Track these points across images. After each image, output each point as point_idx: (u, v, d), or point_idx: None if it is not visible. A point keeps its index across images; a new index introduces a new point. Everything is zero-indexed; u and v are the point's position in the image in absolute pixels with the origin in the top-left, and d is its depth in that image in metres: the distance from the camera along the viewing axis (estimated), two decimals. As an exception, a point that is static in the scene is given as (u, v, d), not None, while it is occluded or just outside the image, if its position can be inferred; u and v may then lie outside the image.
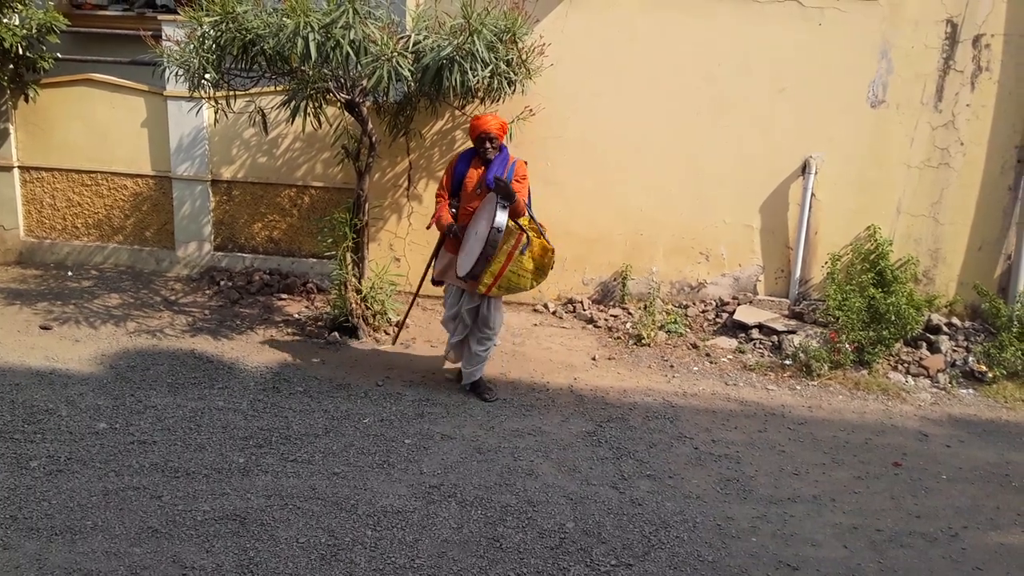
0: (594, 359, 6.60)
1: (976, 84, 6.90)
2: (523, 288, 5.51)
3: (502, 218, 5.16)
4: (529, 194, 5.71)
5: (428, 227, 6.01)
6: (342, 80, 6.07)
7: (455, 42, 5.83)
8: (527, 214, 5.52)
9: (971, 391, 6.40)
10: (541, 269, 5.51)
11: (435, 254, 6.00)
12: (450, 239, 5.73)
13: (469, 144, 6.00)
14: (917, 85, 6.95)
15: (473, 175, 5.67)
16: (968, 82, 6.90)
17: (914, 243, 7.18)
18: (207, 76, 5.97)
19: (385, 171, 7.50)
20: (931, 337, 6.82)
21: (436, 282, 6.02)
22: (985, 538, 4.54)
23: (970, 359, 6.61)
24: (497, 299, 5.72)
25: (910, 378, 6.51)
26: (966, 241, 7.16)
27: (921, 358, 6.66)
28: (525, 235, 5.41)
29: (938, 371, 6.53)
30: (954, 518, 4.71)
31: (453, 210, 5.72)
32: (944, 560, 4.32)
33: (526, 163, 5.71)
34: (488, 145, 5.58)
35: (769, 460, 5.24)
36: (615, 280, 7.53)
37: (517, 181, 5.53)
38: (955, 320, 7.09)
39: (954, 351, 6.75)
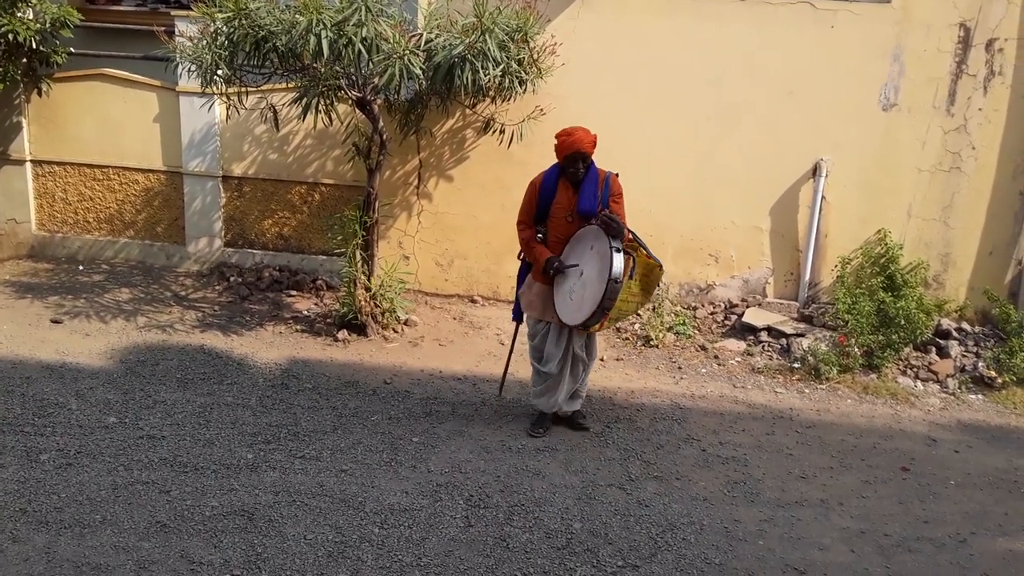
0: (602, 360, 6.59)
1: (989, 88, 6.86)
2: (629, 315, 4.85)
3: (619, 265, 4.57)
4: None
5: (519, 257, 5.34)
6: (354, 78, 6.09)
7: (467, 41, 5.84)
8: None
9: (980, 397, 6.38)
10: (647, 290, 4.98)
11: (520, 281, 5.36)
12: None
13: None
14: (929, 89, 6.92)
15: (563, 199, 5.04)
16: (981, 86, 6.87)
17: (924, 247, 7.15)
18: (219, 72, 6.00)
19: (395, 169, 7.51)
20: (941, 342, 6.79)
21: (519, 315, 5.43)
22: (993, 544, 4.53)
23: (980, 364, 6.58)
24: None
25: (919, 383, 6.49)
26: (977, 246, 7.12)
27: (931, 363, 6.63)
28: (632, 258, 4.80)
29: (947, 376, 6.51)
30: (962, 524, 4.70)
31: (540, 236, 5.13)
32: (952, 566, 4.31)
33: (618, 175, 5.10)
34: (580, 166, 4.95)
35: (777, 463, 5.23)
36: (624, 281, 7.51)
37: (615, 201, 4.98)
38: (965, 325, 7.06)
39: (964, 356, 6.72)
